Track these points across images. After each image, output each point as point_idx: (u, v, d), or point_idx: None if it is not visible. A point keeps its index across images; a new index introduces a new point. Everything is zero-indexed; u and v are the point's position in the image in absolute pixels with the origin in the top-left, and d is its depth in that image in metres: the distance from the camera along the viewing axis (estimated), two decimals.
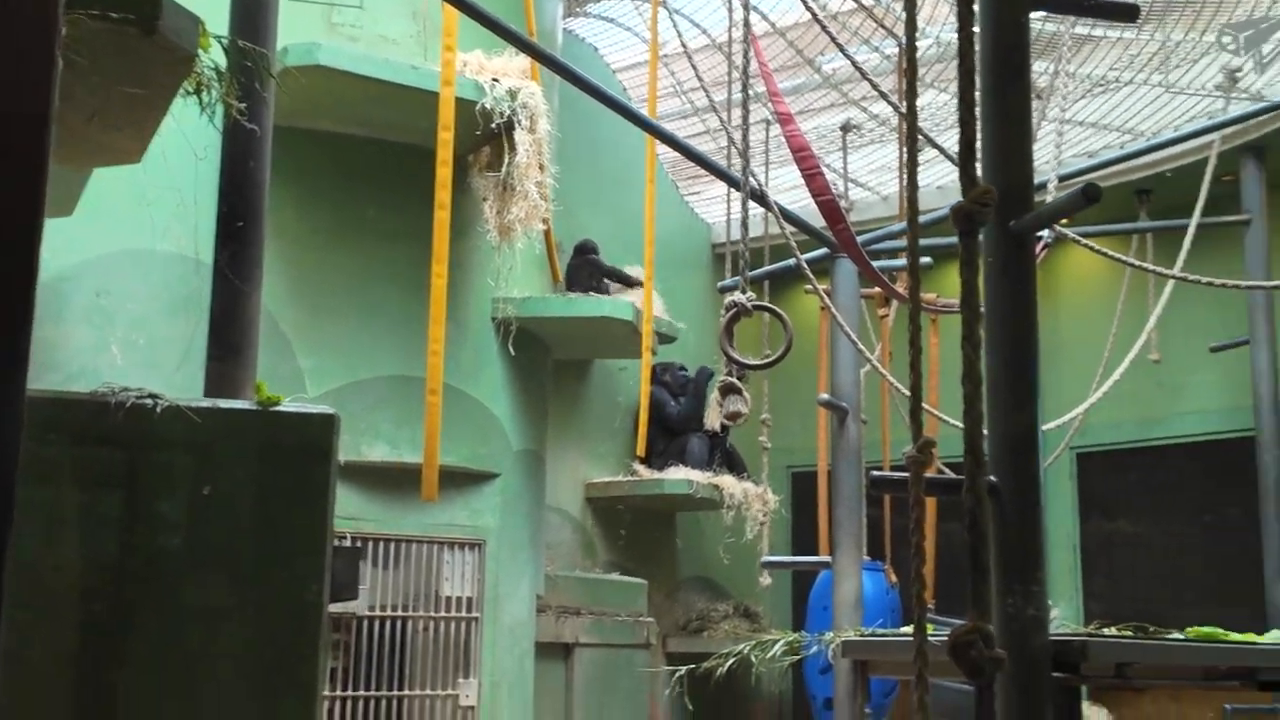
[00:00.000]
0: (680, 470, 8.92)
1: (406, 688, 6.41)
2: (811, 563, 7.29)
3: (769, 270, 7.18)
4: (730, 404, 4.75)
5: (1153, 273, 6.02)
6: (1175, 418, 9.10)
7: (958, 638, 1.92)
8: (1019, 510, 3.51)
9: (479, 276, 6.76)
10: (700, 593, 9.89)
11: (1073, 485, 9.59)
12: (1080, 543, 9.52)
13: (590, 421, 8.98)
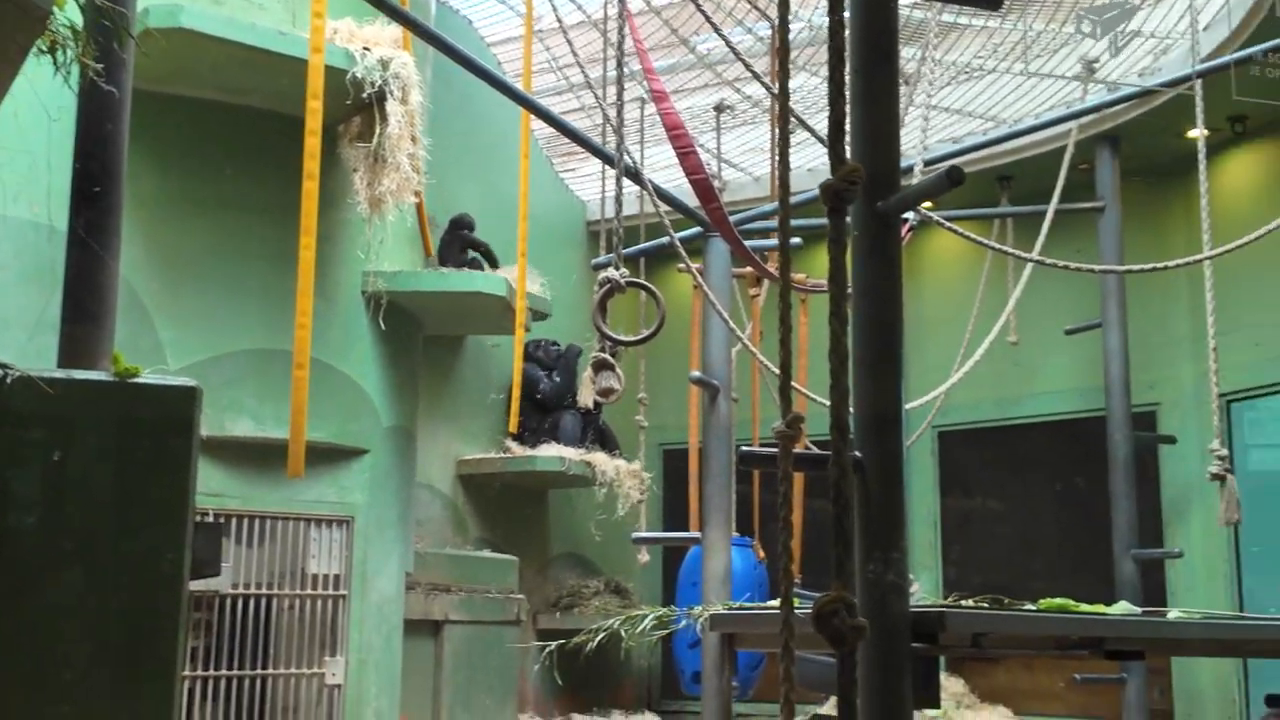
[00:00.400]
0: (553, 447, 8.93)
1: (271, 666, 6.31)
2: (681, 539, 7.36)
3: (643, 248, 7.21)
4: (603, 380, 4.77)
5: (1012, 256, 6.21)
6: (1031, 398, 9.42)
7: (821, 607, 1.96)
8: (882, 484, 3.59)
9: (349, 249, 6.64)
10: (571, 569, 9.91)
11: (934, 462, 9.86)
12: (941, 518, 9.80)
13: (462, 398, 8.91)
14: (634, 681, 10.34)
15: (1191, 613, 4.93)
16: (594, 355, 4.98)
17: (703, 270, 6.66)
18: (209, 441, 6.14)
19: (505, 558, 8.39)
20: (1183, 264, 6.02)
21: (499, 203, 8.42)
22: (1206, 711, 8.20)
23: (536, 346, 9.24)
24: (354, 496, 6.60)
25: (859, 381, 3.73)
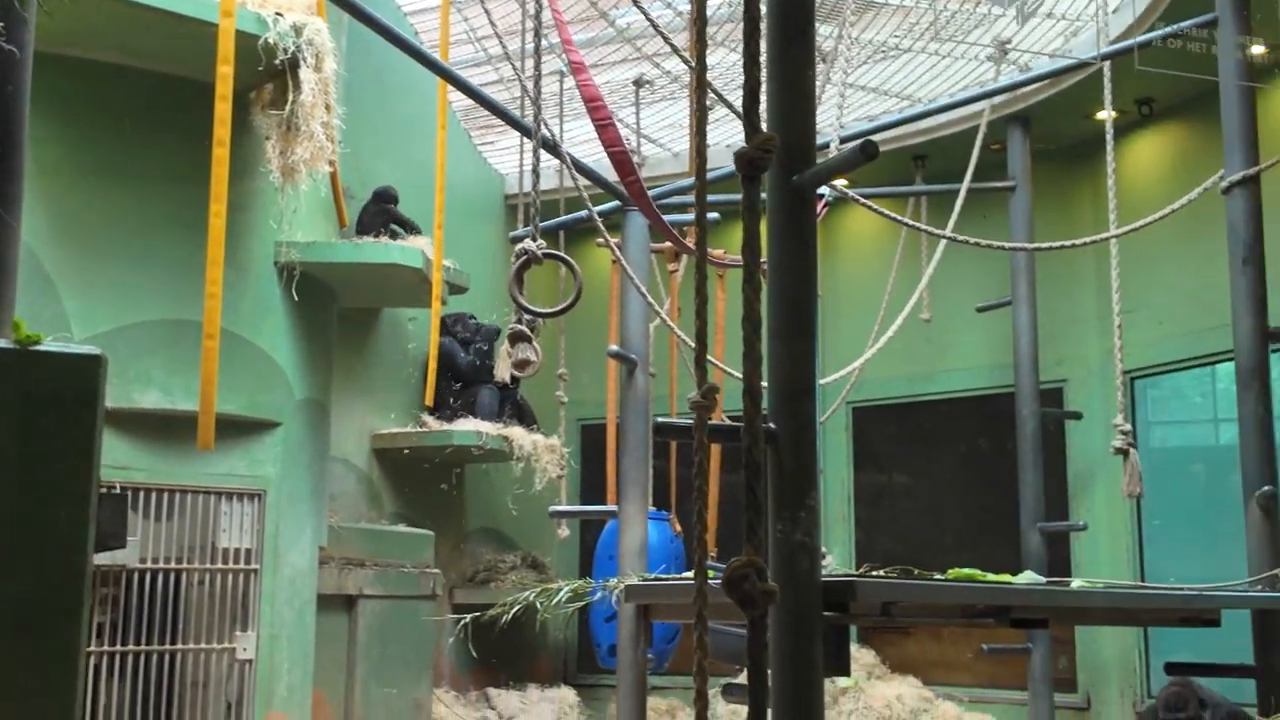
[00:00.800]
0: (470, 422, 8.88)
1: (180, 641, 6.22)
2: (599, 512, 7.38)
3: (561, 221, 7.18)
4: (519, 352, 4.75)
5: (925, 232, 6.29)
6: (944, 374, 9.57)
7: (732, 571, 1.98)
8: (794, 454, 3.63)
9: (260, 219, 6.53)
10: (488, 544, 9.89)
11: (848, 438, 9.99)
12: (854, 492, 9.94)
13: (378, 371, 8.82)
14: (550, 655, 10.36)
15: (1094, 582, 5.06)
16: (510, 327, 4.96)
17: (621, 245, 6.66)
18: (116, 414, 6.02)
19: (421, 532, 8.34)
20: (1089, 242, 6.15)
21: (416, 175, 8.33)
22: (1109, 681, 8.44)
23: (454, 321, 9.18)
24: (266, 470, 6.51)
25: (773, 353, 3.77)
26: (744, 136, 2.28)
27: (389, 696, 7.71)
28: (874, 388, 9.63)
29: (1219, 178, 5.97)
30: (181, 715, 6.15)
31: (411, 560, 8.05)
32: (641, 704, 6.27)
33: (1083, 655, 8.60)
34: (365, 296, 7.69)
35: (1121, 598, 4.79)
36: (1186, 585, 5.31)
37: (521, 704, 8.95)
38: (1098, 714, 8.46)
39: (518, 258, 4.64)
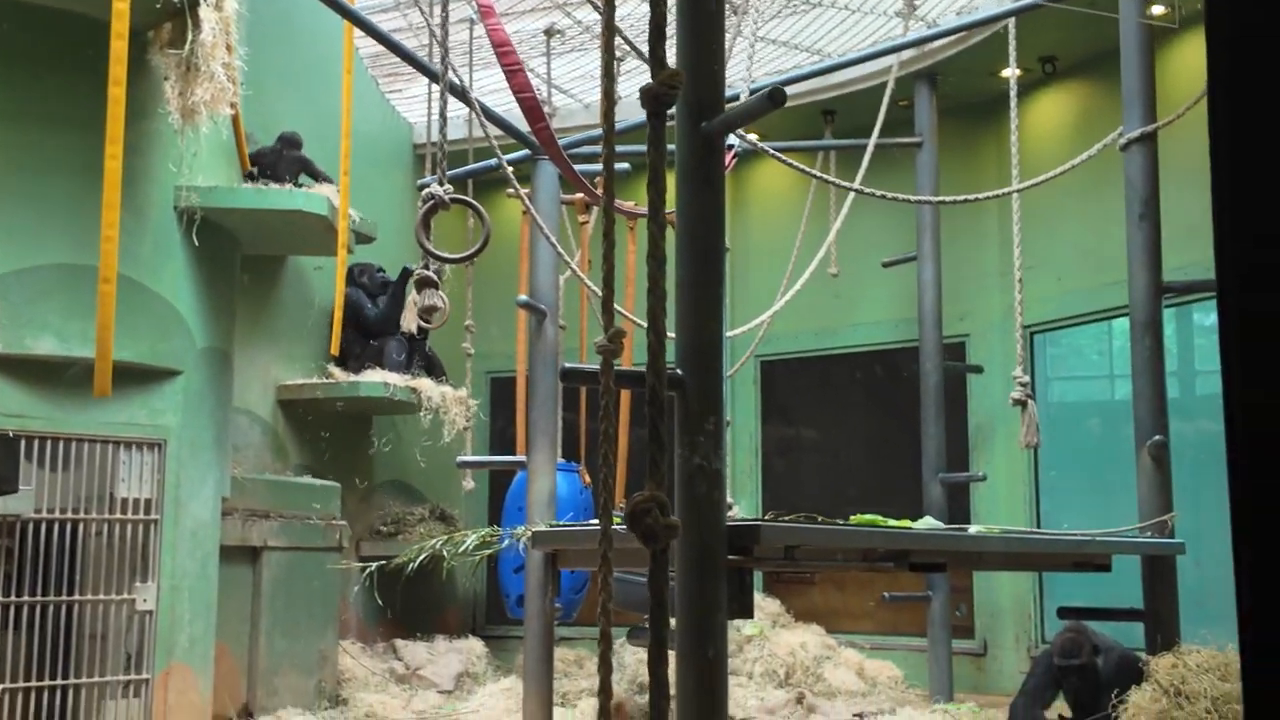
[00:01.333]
0: (377, 373, 8.79)
1: (79, 593, 6.10)
2: (507, 462, 7.37)
3: (469, 170, 7.12)
4: (426, 298, 4.70)
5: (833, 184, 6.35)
6: (850, 328, 9.70)
7: (635, 505, 2.00)
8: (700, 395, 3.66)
9: (159, 162, 6.36)
10: (396, 496, 9.83)
11: (756, 391, 10.09)
12: (761, 445, 10.05)
13: (282, 321, 8.68)
14: (459, 607, 10.36)
15: (991, 528, 5.20)
16: (417, 273, 4.91)
17: (531, 195, 6.62)
18: (10, 360, 5.85)
19: (327, 484, 8.26)
20: (991, 196, 6.26)
21: (321, 121, 8.17)
22: (1005, 627, 8.69)
23: (361, 271, 9.06)
24: (166, 419, 6.38)
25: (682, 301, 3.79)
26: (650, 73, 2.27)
27: (294, 648, 7.65)
28: (782, 341, 9.74)
29: (1118, 135, 6.10)
30: (80, 666, 6.04)
31: (317, 512, 7.97)
32: (548, 652, 6.31)
33: (980, 602, 8.84)
34: (269, 244, 7.55)
35: (1017, 543, 4.93)
36: (1080, 531, 5.48)
37: (429, 655, 8.94)
38: (994, 659, 8.71)
39: (424, 202, 4.59)
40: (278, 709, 7.33)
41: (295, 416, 8.76)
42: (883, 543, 4.20)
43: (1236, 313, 1.77)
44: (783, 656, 8.49)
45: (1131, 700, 3.31)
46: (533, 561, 6.17)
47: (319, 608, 7.90)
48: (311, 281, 8.98)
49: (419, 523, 9.54)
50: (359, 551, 9.16)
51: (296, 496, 7.86)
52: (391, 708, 7.86)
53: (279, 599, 7.58)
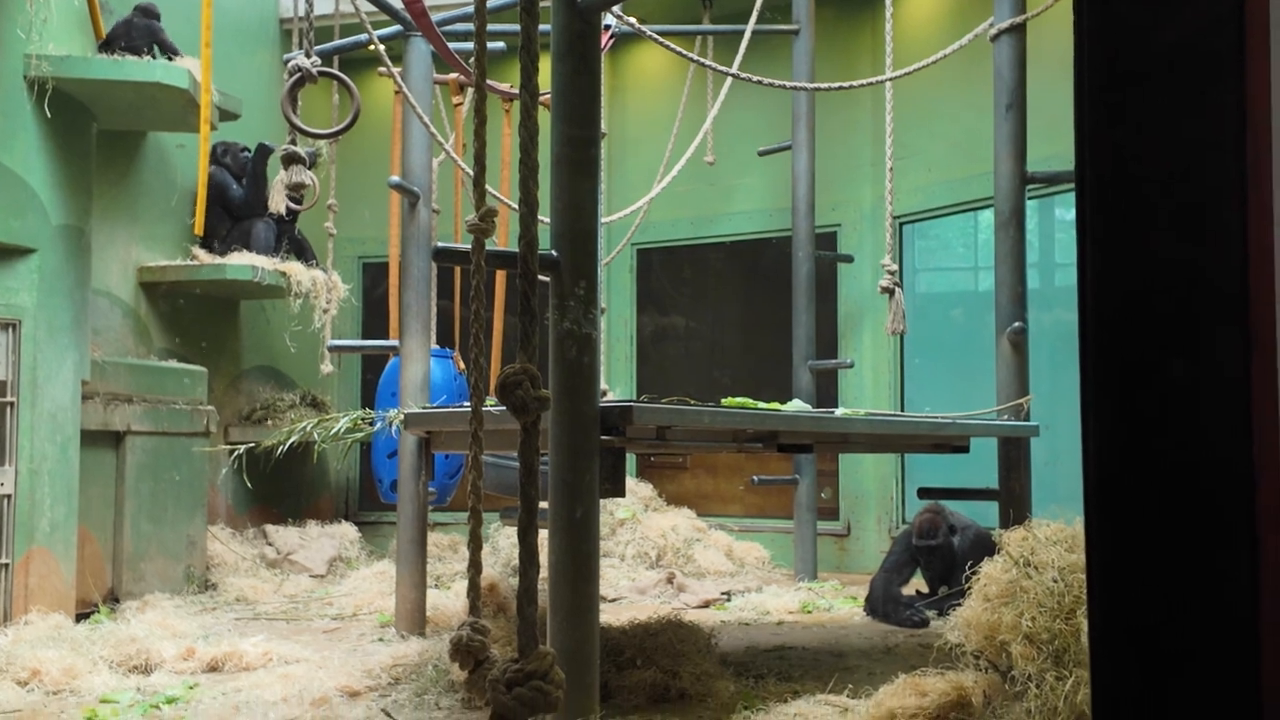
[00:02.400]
0: (244, 256, 8.55)
1: None
2: (380, 346, 7.29)
3: (338, 45, 6.89)
4: (294, 175, 4.58)
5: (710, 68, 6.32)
6: (726, 217, 9.75)
7: (506, 377, 2.00)
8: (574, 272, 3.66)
9: (7, 28, 6.02)
10: (265, 382, 9.67)
11: (632, 279, 10.11)
12: (637, 333, 10.11)
13: (143, 201, 8.36)
14: (331, 493, 10.30)
15: (856, 411, 5.34)
16: (283, 149, 4.77)
17: (403, 74, 6.45)
18: None
19: (193, 368, 8.07)
20: (865, 84, 6.30)
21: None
22: (868, 509, 8.99)
23: (224, 150, 8.75)
24: (20, 299, 6.14)
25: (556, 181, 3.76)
26: None
27: (160, 533, 7.54)
28: (659, 229, 9.75)
29: (988, 25, 6.18)
30: None
31: (183, 397, 7.80)
32: (422, 535, 6.34)
33: (844, 485, 9.12)
34: (127, 118, 7.23)
35: (880, 424, 5.08)
36: (940, 414, 5.67)
37: (300, 540, 8.90)
38: (856, 539, 9.02)
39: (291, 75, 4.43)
40: (144, 594, 7.24)
41: (158, 300, 8.50)
42: (752, 424, 4.29)
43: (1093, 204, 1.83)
44: (654, 539, 8.67)
45: (984, 571, 3.47)
46: (406, 445, 6.16)
47: (186, 493, 7.78)
48: (174, 160, 8.65)
49: (289, 409, 9.40)
50: (227, 437, 9.01)
51: (161, 381, 7.67)
52: (263, 592, 7.84)
53: (144, 484, 7.43)
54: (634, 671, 4.57)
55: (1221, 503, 1.65)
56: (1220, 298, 1.68)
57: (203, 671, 5.38)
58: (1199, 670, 1.68)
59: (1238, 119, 1.65)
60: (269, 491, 9.10)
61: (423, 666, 5.08)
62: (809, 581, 8.06)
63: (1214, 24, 1.68)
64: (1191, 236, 1.75)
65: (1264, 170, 1.64)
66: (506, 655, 4.50)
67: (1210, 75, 1.67)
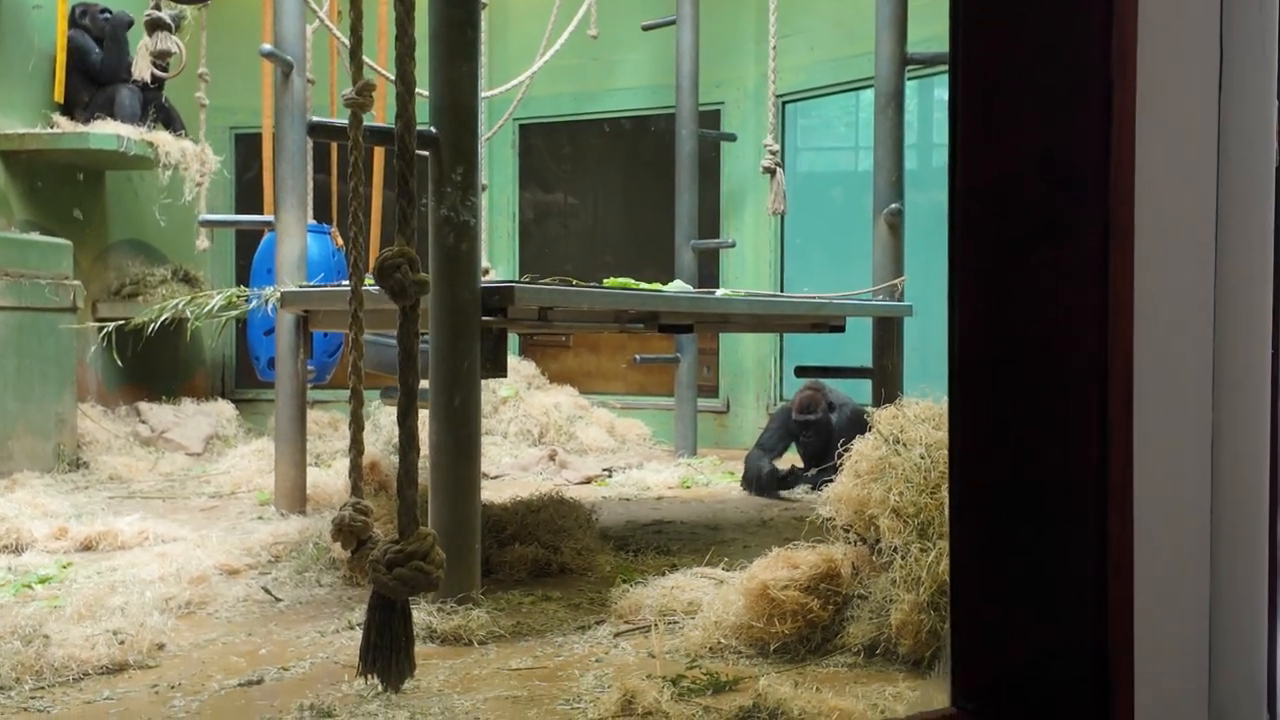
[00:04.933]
0: (109, 124, 8.20)
1: None
2: (253, 221, 7.11)
3: None
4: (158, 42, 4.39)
5: None
6: (609, 94, 9.64)
7: (384, 260, 1.98)
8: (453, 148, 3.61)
9: None
10: (134, 256, 9.37)
11: (514, 155, 9.98)
12: (519, 211, 10.02)
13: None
14: (206, 370, 10.11)
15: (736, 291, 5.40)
16: (147, 14, 4.56)
17: None
18: None
19: (57, 241, 7.78)
20: None
21: None
22: (747, 386, 9.16)
23: (83, 12, 8.30)
24: None
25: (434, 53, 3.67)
26: None
27: (27, 411, 7.35)
28: (541, 105, 9.61)
29: None
30: None
31: (47, 271, 7.53)
32: (301, 414, 6.29)
33: (724, 363, 9.26)
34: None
35: (759, 305, 5.15)
36: (818, 295, 5.77)
37: (175, 418, 8.74)
38: (735, 416, 9.20)
39: None
40: (13, 472, 7.08)
41: (18, 169, 8.13)
42: (634, 304, 4.32)
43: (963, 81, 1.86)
44: (537, 416, 8.73)
45: (855, 448, 3.58)
46: (283, 324, 6.06)
47: (53, 370, 7.57)
48: (31, 21, 8.19)
49: (160, 284, 9.14)
50: (96, 313, 8.75)
51: (23, 254, 7.39)
52: (137, 470, 7.71)
53: (8, 360, 7.21)
54: (516, 548, 4.63)
55: (1076, 385, 1.73)
56: (1082, 185, 1.74)
57: (76, 551, 5.30)
58: (1048, 532, 1.78)
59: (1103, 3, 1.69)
60: (142, 369, 8.89)
61: (303, 544, 5.08)
62: (689, 457, 8.22)
63: None
64: (1058, 120, 1.80)
65: (1129, 56, 1.68)
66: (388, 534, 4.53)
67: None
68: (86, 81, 8.31)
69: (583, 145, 10.09)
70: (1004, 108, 1.83)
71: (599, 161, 10.14)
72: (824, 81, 8.54)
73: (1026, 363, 1.81)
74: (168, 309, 5.09)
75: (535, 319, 4.02)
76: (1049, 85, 1.76)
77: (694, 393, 8.46)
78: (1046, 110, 1.77)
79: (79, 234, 8.53)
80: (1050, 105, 1.76)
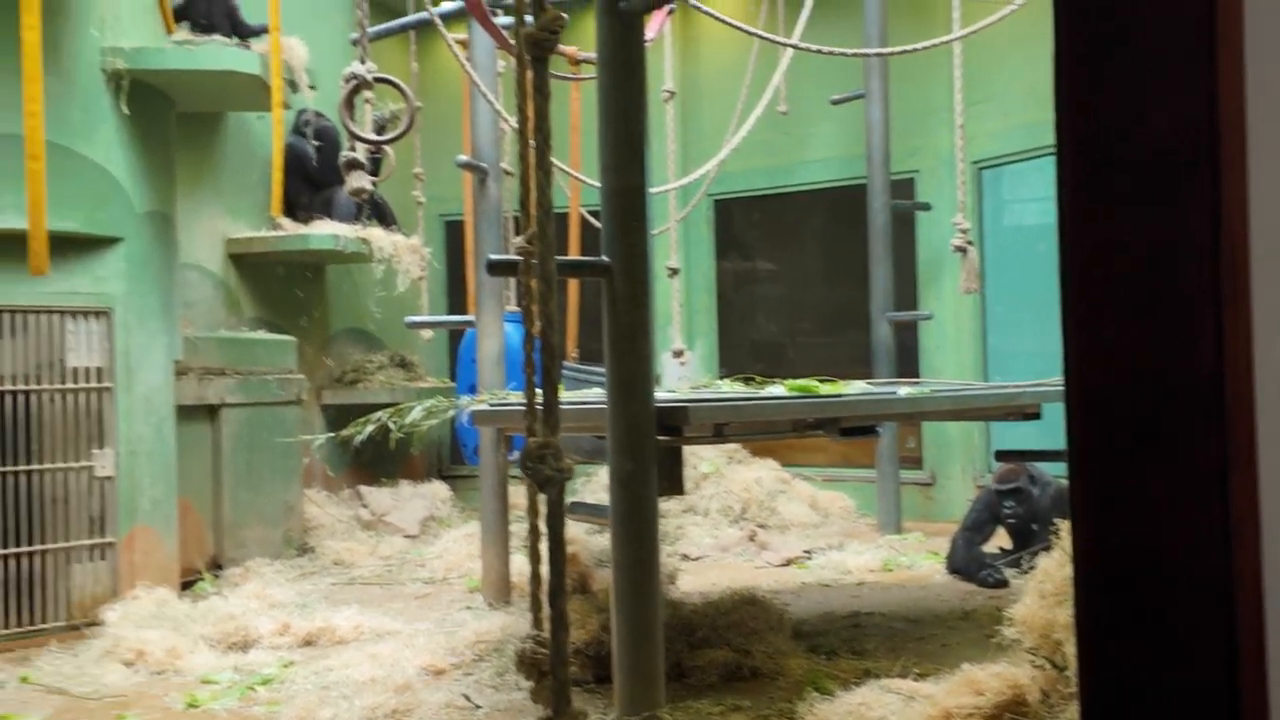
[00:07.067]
0: (327, 224, 8.71)
1: (36, 461, 6.18)
2: (456, 322, 7.41)
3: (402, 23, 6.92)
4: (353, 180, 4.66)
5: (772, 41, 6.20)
6: (801, 166, 9.65)
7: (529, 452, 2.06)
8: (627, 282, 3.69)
9: (81, 25, 6.16)
10: (354, 345, 9.89)
11: (710, 231, 10.09)
12: (716, 285, 10.11)
13: (226, 175, 8.55)
14: (422, 451, 10.53)
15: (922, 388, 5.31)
16: (343, 155, 4.85)
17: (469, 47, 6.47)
18: None
19: (282, 338, 8.29)
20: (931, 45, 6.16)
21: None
22: (953, 457, 8.92)
23: (305, 121, 8.87)
24: (110, 287, 6.36)
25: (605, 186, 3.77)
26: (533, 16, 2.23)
27: (258, 501, 7.82)
28: (735, 180, 9.70)
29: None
30: (45, 533, 6.17)
31: (274, 367, 8.03)
32: (503, 505, 6.50)
33: (929, 436, 9.06)
34: (203, 101, 7.37)
35: (947, 400, 5.05)
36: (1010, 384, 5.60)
37: (393, 501, 9.14)
38: (941, 488, 8.98)
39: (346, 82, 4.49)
40: (245, 560, 7.53)
41: (246, 270, 8.72)
42: (813, 412, 4.30)
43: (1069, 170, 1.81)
44: (738, 492, 8.74)
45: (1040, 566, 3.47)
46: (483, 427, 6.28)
47: (281, 460, 8.04)
48: (256, 131, 8.81)
49: (378, 370, 9.62)
50: (320, 401, 9.27)
51: (251, 353, 7.90)
52: (358, 554, 8.09)
53: (240, 454, 7.70)
54: (707, 651, 4.65)
55: None
56: (1193, 256, 1.66)
57: (298, 646, 5.60)
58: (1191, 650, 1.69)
59: (1209, 86, 1.62)
60: (362, 453, 9.34)
61: (505, 643, 5.23)
62: (892, 534, 8.07)
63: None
64: (1164, 204, 1.73)
65: (1237, 144, 1.61)
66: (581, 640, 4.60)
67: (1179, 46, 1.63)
68: (306, 184, 8.85)
69: (777, 217, 10.11)
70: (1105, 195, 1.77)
71: (793, 232, 10.14)
72: (1019, 147, 8.32)
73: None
74: (373, 422, 5.36)
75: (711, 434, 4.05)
76: (1156, 168, 1.70)
77: (896, 466, 8.32)
78: (1151, 194, 1.70)
79: (303, 325, 9.07)
80: (1156, 189, 1.70)
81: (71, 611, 6.13)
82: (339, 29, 9.84)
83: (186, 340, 7.19)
